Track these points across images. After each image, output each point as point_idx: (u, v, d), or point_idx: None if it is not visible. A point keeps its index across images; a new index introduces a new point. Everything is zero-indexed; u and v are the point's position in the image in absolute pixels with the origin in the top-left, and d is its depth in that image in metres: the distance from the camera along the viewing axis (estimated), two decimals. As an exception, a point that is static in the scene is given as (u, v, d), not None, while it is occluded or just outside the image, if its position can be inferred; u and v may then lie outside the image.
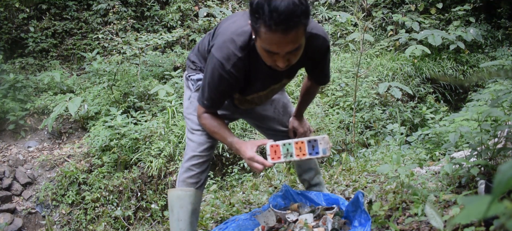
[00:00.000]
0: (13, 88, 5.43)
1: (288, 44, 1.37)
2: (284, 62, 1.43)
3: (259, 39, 1.40)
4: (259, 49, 1.45)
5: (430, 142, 3.77)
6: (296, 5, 1.31)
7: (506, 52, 6.07)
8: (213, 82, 1.58)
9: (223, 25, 1.65)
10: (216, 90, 1.61)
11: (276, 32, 1.32)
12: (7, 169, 4.52)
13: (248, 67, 1.58)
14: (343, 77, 5.37)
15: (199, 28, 7.17)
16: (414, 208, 1.84)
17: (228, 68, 1.54)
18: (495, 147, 1.95)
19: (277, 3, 1.29)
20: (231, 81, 1.57)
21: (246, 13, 1.69)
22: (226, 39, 1.55)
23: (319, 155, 1.50)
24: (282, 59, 1.42)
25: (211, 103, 1.66)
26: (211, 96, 1.63)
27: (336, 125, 4.54)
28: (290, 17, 1.31)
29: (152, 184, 4.32)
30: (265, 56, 1.44)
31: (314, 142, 1.53)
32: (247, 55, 1.55)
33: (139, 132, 4.59)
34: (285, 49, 1.38)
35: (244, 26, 1.54)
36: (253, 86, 1.68)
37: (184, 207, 1.80)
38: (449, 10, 6.72)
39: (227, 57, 1.53)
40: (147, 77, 5.88)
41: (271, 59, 1.44)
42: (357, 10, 6.85)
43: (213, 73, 1.57)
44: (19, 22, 7.17)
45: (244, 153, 1.63)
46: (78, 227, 4.15)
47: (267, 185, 2.95)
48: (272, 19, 1.30)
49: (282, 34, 1.33)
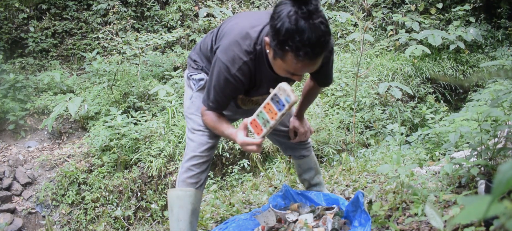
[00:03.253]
0: (13, 88, 5.43)
1: (312, 68, 1.43)
2: (301, 79, 1.51)
3: (281, 61, 1.42)
4: (276, 66, 1.48)
5: (430, 142, 3.77)
6: (325, 34, 1.35)
7: (506, 52, 6.06)
8: (218, 85, 1.60)
9: (227, 26, 1.64)
10: (221, 93, 1.62)
11: (304, 62, 1.37)
12: (7, 169, 4.52)
13: (253, 71, 1.59)
14: (343, 77, 5.37)
15: (199, 28, 7.17)
16: (414, 208, 1.84)
17: (234, 71, 1.55)
18: (495, 147, 1.95)
19: (309, 35, 1.31)
20: (237, 84, 1.59)
21: (248, 14, 1.69)
22: (231, 42, 1.55)
23: (285, 105, 1.49)
24: (299, 77, 1.50)
25: (216, 105, 1.67)
26: (216, 99, 1.64)
27: (336, 125, 4.54)
28: (321, 48, 1.36)
29: (152, 184, 4.32)
30: (283, 72, 1.48)
31: (275, 97, 1.52)
32: (253, 59, 1.56)
33: (139, 132, 4.59)
34: (309, 71, 1.47)
35: (249, 29, 1.55)
36: (258, 89, 1.70)
37: (184, 207, 1.80)
38: (449, 10, 6.72)
39: (232, 61, 1.54)
40: (147, 77, 5.88)
41: (288, 75, 1.48)
42: (357, 10, 6.86)
43: (218, 76, 1.58)
44: (19, 22, 7.17)
45: (236, 140, 1.64)
46: (78, 227, 4.15)
47: (267, 185, 2.95)
48: (305, 53, 1.34)
49: (310, 61, 1.38)
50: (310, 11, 1.31)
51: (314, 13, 1.31)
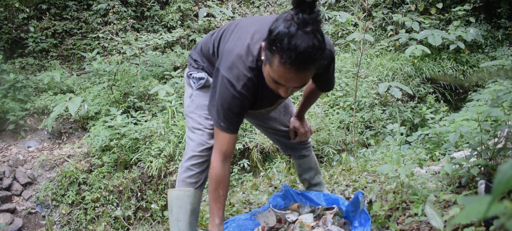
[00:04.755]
0: (13, 88, 5.43)
1: (296, 81, 1.40)
2: (286, 93, 1.47)
3: (269, 67, 1.41)
4: (265, 73, 1.47)
5: (430, 142, 3.77)
6: (315, 48, 1.31)
7: (506, 52, 6.06)
8: (226, 103, 1.59)
9: (230, 41, 1.63)
10: (229, 110, 1.60)
11: (288, 69, 1.34)
12: (7, 169, 4.52)
13: (256, 85, 1.60)
14: (343, 77, 5.37)
15: (199, 28, 7.17)
16: (414, 208, 1.84)
17: (239, 88, 1.55)
18: (495, 147, 1.95)
19: (298, 42, 1.29)
20: (243, 101, 1.58)
21: (251, 24, 1.67)
22: (235, 60, 1.55)
23: None
24: (284, 90, 1.46)
25: (227, 124, 1.64)
26: (225, 117, 1.62)
27: (336, 125, 4.54)
28: (307, 60, 1.32)
29: (152, 184, 4.32)
30: (270, 81, 1.47)
31: None
32: (256, 75, 1.57)
33: (139, 132, 4.59)
34: (292, 84, 1.42)
35: (251, 44, 1.56)
36: (261, 103, 1.71)
37: (183, 207, 1.80)
38: (449, 10, 6.72)
39: (237, 78, 1.55)
40: (147, 77, 5.88)
41: (275, 86, 1.46)
42: (358, 10, 6.86)
43: (224, 94, 1.58)
44: (19, 22, 7.17)
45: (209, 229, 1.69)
46: (78, 227, 4.15)
47: (267, 185, 2.94)
48: (289, 57, 1.31)
49: (294, 73, 1.35)
50: (305, 20, 1.28)
51: (310, 24, 1.29)
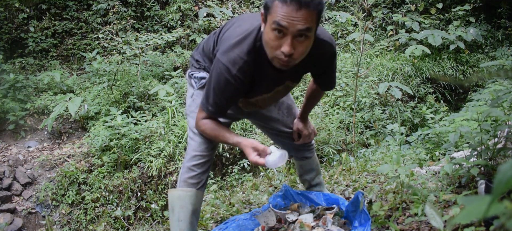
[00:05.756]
0: (13, 88, 5.43)
1: (299, 21, 1.37)
2: (290, 47, 1.40)
3: (269, 17, 1.41)
4: (266, 35, 1.44)
5: (430, 142, 3.77)
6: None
7: (506, 52, 6.06)
8: (218, 87, 1.57)
9: (229, 30, 1.64)
10: (221, 96, 1.59)
11: (289, 6, 1.35)
12: (7, 169, 4.52)
13: (253, 69, 1.57)
14: (343, 77, 5.37)
15: (199, 28, 7.16)
16: (414, 208, 1.84)
17: (234, 72, 1.53)
18: (495, 147, 1.95)
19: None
20: (237, 85, 1.56)
21: (250, 16, 1.69)
22: (232, 44, 1.55)
23: None
24: (289, 44, 1.39)
25: (215, 109, 1.63)
26: (216, 102, 1.61)
27: (336, 125, 4.54)
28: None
29: (152, 184, 4.32)
30: (272, 40, 1.42)
31: None
32: (253, 58, 1.55)
33: (139, 132, 4.59)
34: (296, 26, 1.37)
35: (250, 29, 1.55)
36: (258, 88, 1.68)
37: (185, 208, 1.80)
38: (449, 10, 6.72)
39: (233, 62, 1.53)
40: (147, 77, 5.88)
41: (278, 43, 1.41)
42: (358, 10, 6.85)
43: (218, 78, 1.56)
44: (19, 22, 7.16)
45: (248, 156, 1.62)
46: (78, 227, 4.15)
47: (267, 185, 2.95)
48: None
49: (295, 8, 1.35)
50: None
51: None
